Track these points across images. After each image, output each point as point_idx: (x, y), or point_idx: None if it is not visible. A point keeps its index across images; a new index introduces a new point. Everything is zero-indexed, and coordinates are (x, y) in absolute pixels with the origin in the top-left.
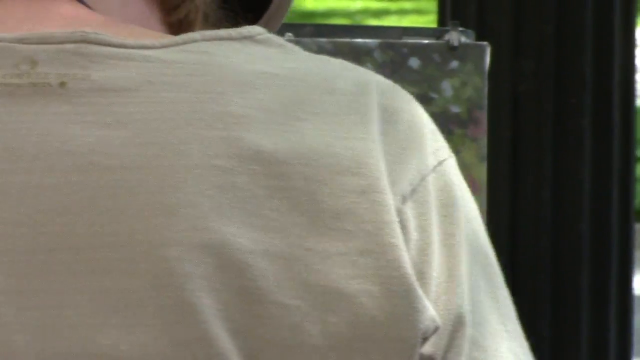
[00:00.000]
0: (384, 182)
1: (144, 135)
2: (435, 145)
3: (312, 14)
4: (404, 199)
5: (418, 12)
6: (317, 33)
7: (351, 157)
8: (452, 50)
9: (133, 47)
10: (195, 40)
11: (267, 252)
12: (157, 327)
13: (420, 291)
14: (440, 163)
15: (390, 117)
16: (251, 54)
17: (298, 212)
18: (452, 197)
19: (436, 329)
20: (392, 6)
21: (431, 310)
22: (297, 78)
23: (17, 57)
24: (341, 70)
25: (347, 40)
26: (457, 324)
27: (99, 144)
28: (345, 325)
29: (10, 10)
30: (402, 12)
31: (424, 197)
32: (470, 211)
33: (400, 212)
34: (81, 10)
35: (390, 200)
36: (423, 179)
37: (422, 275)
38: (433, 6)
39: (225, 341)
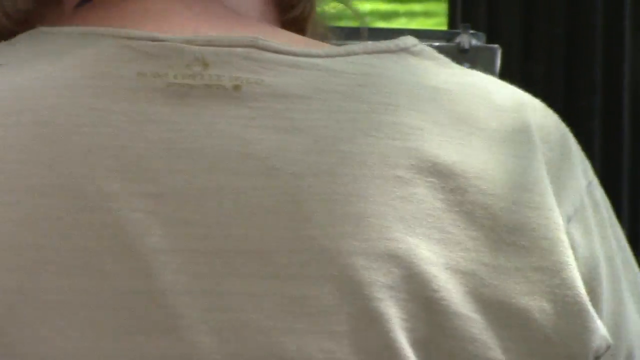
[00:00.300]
0: (553, 200)
1: (323, 143)
2: (583, 166)
3: (320, 16)
4: (569, 219)
5: (427, 14)
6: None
7: (522, 174)
8: (463, 52)
9: (299, 55)
10: (356, 53)
11: (446, 265)
12: (343, 335)
13: (592, 310)
14: (589, 184)
15: (545, 137)
16: (411, 66)
17: (475, 226)
18: (603, 217)
19: (608, 348)
20: (401, 8)
21: (603, 330)
22: (464, 93)
23: (188, 58)
24: (497, 87)
25: (358, 43)
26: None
27: (280, 150)
28: (520, 340)
29: (170, 6)
30: (411, 15)
31: (585, 218)
32: (617, 230)
33: (568, 232)
34: (230, 11)
35: (560, 220)
36: (581, 200)
37: (594, 294)
38: (442, 8)
39: (408, 351)
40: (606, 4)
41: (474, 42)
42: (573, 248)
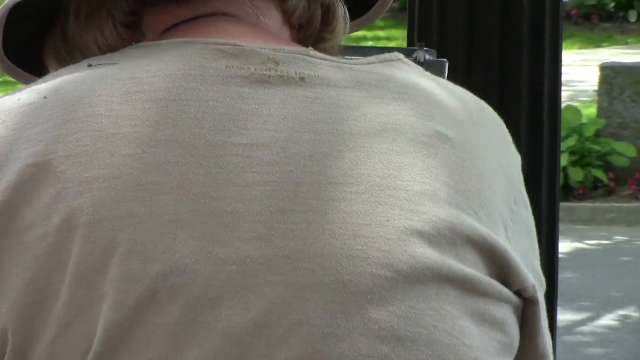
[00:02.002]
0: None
1: (367, 116)
2: (510, 144)
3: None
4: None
5: (388, 38)
6: None
7: (483, 144)
8: (420, 64)
9: (337, 62)
10: (372, 62)
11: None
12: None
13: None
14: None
15: (506, 143)
16: (406, 71)
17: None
18: (522, 192)
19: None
20: (369, 34)
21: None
22: (439, 88)
23: (263, 58)
24: (475, 97)
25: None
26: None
27: (338, 119)
28: (491, 262)
29: (221, 28)
30: (377, 39)
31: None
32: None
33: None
34: (271, 34)
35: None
36: (513, 165)
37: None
38: (401, 34)
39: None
40: (531, 31)
41: (427, 56)
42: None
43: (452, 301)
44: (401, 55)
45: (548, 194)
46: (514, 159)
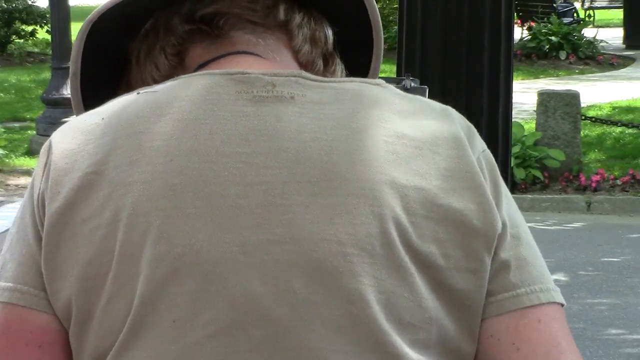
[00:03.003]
0: (471, 154)
1: (342, 125)
2: (480, 141)
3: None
4: (478, 163)
5: (380, 72)
6: None
7: (456, 137)
8: (407, 90)
9: (323, 82)
10: (353, 81)
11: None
12: (369, 223)
13: (495, 206)
14: (484, 150)
15: (461, 120)
16: (381, 90)
17: (431, 166)
18: (493, 164)
19: (503, 227)
20: None
21: (499, 218)
22: (411, 101)
23: (263, 82)
24: (430, 101)
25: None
26: (505, 224)
27: (319, 129)
28: (457, 230)
29: (236, 62)
30: None
31: (483, 161)
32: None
33: (480, 168)
34: (276, 62)
35: (475, 162)
36: (483, 153)
37: (494, 196)
38: (389, 68)
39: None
40: (489, 65)
41: (412, 84)
42: (483, 176)
43: (410, 272)
44: (381, 81)
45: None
46: (477, 140)
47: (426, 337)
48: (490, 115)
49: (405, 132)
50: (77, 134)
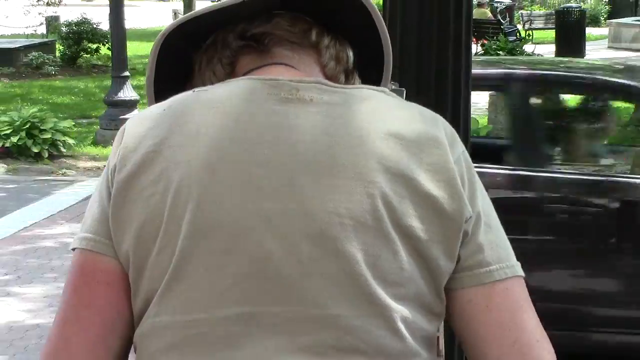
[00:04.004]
0: (449, 152)
1: (347, 123)
2: (459, 142)
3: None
4: (454, 161)
5: None
6: None
7: (435, 136)
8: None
9: (336, 87)
10: (362, 88)
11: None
12: (363, 200)
13: (464, 194)
14: (463, 151)
15: (443, 124)
16: (384, 96)
17: (415, 159)
18: (469, 161)
19: (470, 215)
20: None
21: (468, 204)
22: (405, 107)
23: (290, 87)
24: (428, 110)
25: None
26: (480, 215)
27: (330, 125)
28: (431, 212)
29: (273, 71)
30: None
31: (460, 159)
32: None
33: (455, 164)
34: (300, 72)
35: (452, 160)
36: (460, 154)
37: (463, 184)
38: None
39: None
40: (452, 73)
41: (393, 87)
42: (461, 173)
43: (395, 241)
44: (385, 89)
45: None
46: (454, 138)
47: (405, 292)
48: (454, 112)
49: (398, 131)
50: (144, 121)
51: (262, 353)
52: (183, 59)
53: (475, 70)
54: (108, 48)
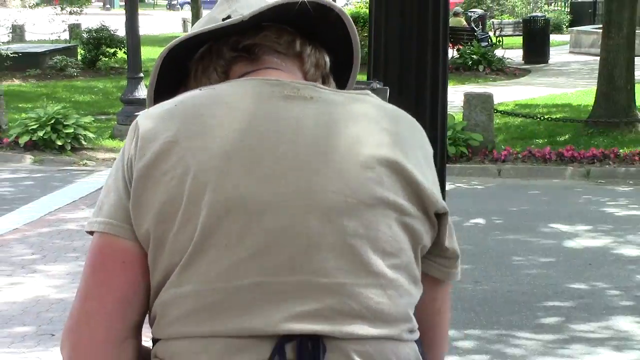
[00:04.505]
0: (419, 150)
1: (347, 119)
2: (426, 139)
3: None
4: (423, 157)
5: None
6: None
7: (411, 135)
8: (373, 91)
9: (330, 90)
10: (351, 92)
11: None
12: (361, 182)
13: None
14: (427, 145)
15: (414, 124)
16: (370, 98)
17: (399, 146)
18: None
19: (444, 213)
20: None
21: (438, 191)
22: (387, 108)
23: (291, 86)
24: (403, 111)
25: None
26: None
27: (330, 120)
28: (412, 192)
29: (267, 74)
30: None
31: (427, 156)
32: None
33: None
34: (293, 75)
35: (421, 156)
36: (426, 149)
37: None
38: (360, 77)
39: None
40: (431, 75)
41: (378, 85)
42: (428, 165)
43: (390, 217)
44: (369, 92)
45: (440, 159)
46: (425, 140)
47: (399, 262)
48: (432, 109)
49: (384, 126)
50: (158, 115)
51: (274, 318)
52: (176, 66)
53: None
54: (124, 52)
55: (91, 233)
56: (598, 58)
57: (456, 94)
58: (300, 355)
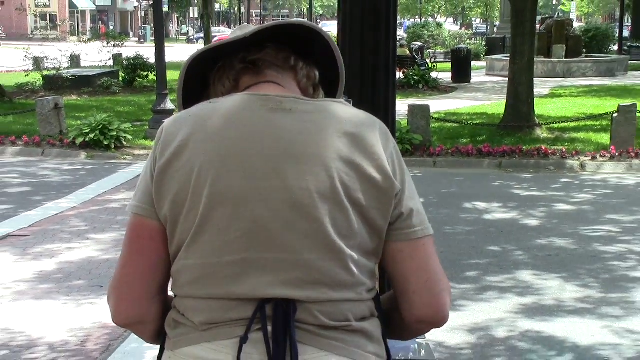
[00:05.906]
0: (382, 149)
1: (316, 125)
2: (392, 140)
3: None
4: (389, 157)
5: None
6: None
7: (375, 136)
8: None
9: (309, 100)
10: (326, 101)
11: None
12: (325, 180)
13: (393, 174)
14: (394, 145)
15: (382, 126)
16: (342, 105)
17: (360, 151)
18: (399, 155)
19: (399, 190)
20: None
21: (397, 183)
22: (355, 114)
23: (276, 100)
24: (370, 115)
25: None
26: (404, 189)
27: (303, 128)
28: (370, 188)
29: (265, 87)
30: None
31: (391, 154)
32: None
33: (387, 155)
34: (283, 88)
35: (385, 154)
36: (392, 149)
37: (392, 169)
38: None
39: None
40: (383, 90)
41: (345, 99)
42: (392, 162)
43: (347, 208)
44: (343, 100)
45: None
46: (386, 136)
47: (354, 243)
48: (384, 117)
49: (350, 130)
50: (176, 122)
51: (256, 286)
52: (200, 77)
53: None
54: (154, 74)
55: None
56: (507, 79)
57: (402, 106)
58: (276, 314)
